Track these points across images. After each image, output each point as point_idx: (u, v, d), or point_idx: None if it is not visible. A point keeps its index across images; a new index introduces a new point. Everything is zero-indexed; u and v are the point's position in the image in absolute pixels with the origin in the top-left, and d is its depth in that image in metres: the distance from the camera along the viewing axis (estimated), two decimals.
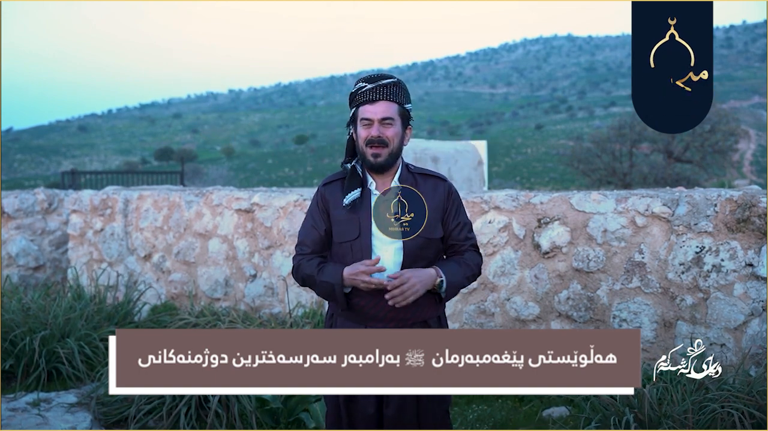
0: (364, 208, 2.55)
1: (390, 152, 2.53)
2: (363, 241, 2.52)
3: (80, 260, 6.80)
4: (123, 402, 4.17)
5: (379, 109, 2.52)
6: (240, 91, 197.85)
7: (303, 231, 2.66)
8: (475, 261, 2.65)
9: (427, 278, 2.48)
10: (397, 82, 2.56)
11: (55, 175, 50.31)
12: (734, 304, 4.12)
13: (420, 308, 2.54)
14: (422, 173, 2.65)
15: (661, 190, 4.81)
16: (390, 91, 2.53)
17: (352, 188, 2.55)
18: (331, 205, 2.60)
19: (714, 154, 25.89)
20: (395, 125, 2.54)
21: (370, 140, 2.52)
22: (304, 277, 2.61)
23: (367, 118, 2.52)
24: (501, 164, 51.50)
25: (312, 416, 4.02)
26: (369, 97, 2.52)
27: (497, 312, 4.84)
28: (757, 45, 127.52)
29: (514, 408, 4.33)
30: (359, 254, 2.52)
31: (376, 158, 2.52)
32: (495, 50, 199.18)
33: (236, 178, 50.00)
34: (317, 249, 2.62)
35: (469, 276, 2.63)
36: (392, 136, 2.53)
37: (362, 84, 2.56)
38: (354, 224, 2.54)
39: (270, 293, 5.76)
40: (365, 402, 2.55)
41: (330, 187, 2.63)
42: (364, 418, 2.56)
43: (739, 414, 3.41)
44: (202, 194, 6.21)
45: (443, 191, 2.63)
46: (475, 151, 7.81)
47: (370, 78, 2.56)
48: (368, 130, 2.52)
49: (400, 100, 2.55)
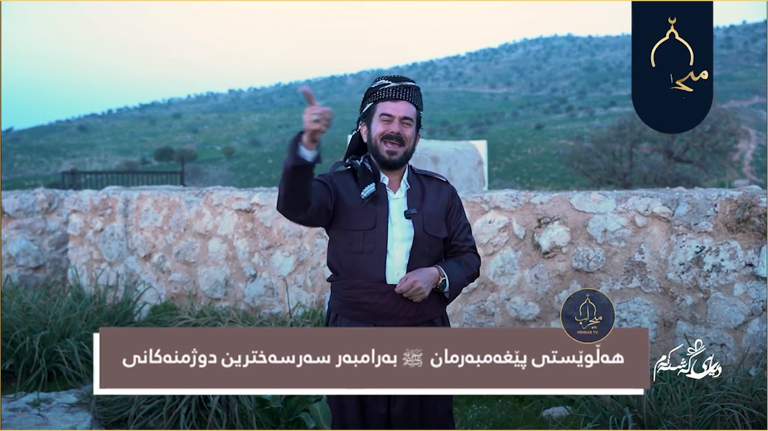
0: (380, 201, 2.56)
1: (405, 151, 2.56)
2: (377, 233, 2.53)
3: (80, 260, 6.80)
4: (123, 402, 4.17)
5: (401, 107, 2.54)
6: (240, 91, 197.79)
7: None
8: (474, 262, 2.70)
9: (431, 278, 2.52)
10: (418, 87, 2.62)
11: (55, 175, 50.32)
12: (734, 304, 4.12)
13: (428, 307, 2.57)
14: (426, 175, 2.70)
15: (661, 190, 4.81)
16: (412, 94, 2.58)
17: (367, 182, 2.56)
18: (341, 189, 2.57)
19: (714, 154, 25.89)
20: (412, 127, 2.58)
21: (389, 135, 2.53)
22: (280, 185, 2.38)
23: (388, 113, 2.53)
24: (501, 164, 51.51)
25: (312, 416, 4.02)
26: (392, 95, 2.55)
27: (497, 312, 4.84)
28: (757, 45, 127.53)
29: (514, 408, 4.34)
30: (371, 244, 2.52)
31: (391, 156, 2.54)
32: (495, 50, 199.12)
33: (236, 178, 50.00)
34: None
35: (469, 276, 2.67)
36: (410, 136, 2.57)
37: (385, 81, 2.58)
38: (371, 214, 2.54)
39: (270, 293, 5.76)
40: (376, 402, 2.55)
41: (340, 175, 2.63)
42: (376, 417, 2.56)
43: (738, 414, 3.41)
44: (202, 194, 6.21)
45: (447, 192, 2.68)
46: (475, 151, 7.80)
47: (394, 78, 2.59)
48: (387, 125, 2.54)
49: (418, 104, 2.61)
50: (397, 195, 2.60)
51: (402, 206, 2.58)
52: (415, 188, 2.63)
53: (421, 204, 2.59)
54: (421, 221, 2.56)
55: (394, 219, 2.56)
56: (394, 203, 2.58)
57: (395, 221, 2.56)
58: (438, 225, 2.60)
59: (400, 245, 2.54)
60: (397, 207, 2.58)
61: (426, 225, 2.56)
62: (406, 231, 2.55)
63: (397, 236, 2.55)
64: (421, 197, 2.61)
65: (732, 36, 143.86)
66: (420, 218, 2.56)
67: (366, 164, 2.61)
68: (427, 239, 2.56)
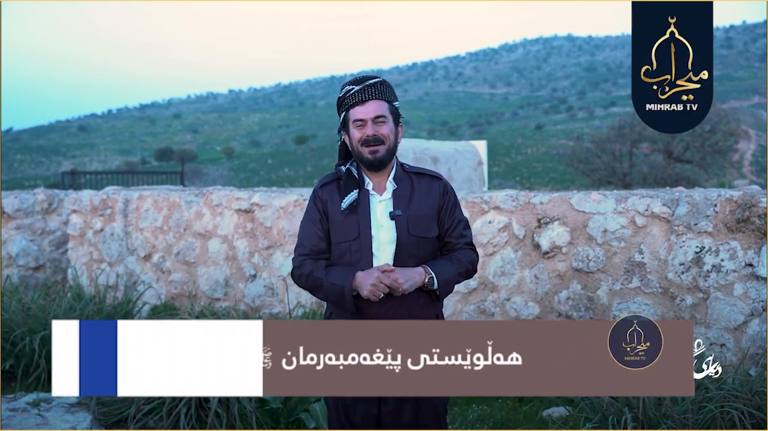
0: (362, 209, 2.55)
1: (387, 148, 2.55)
2: (362, 241, 2.53)
3: (80, 261, 6.80)
4: (123, 402, 4.17)
5: (370, 108, 2.53)
6: (240, 91, 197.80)
7: (302, 233, 2.65)
8: (468, 258, 2.63)
9: (416, 277, 2.49)
10: (383, 81, 2.58)
11: (55, 175, 50.31)
12: (734, 304, 4.12)
13: (416, 308, 2.54)
14: (417, 172, 2.66)
15: (661, 190, 4.81)
16: (378, 90, 2.55)
17: (349, 190, 2.55)
18: (329, 206, 2.60)
19: (714, 154, 25.87)
20: (388, 122, 2.56)
21: (366, 139, 2.52)
22: (307, 278, 2.57)
23: (359, 119, 2.53)
24: (501, 164, 51.48)
25: (312, 416, 4.02)
26: (358, 98, 2.53)
27: (497, 312, 4.84)
28: (757, 45, 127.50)
29: (514, 408, 4.33)
30: (358, 254, 2.53)
31: (374, 155, 2.53)
32: (495, 50, 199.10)
33: (236, 178, 49.99)
34: (316, 251, 2.60)
35: (461, 272, 2.61)
36: (387, 133, 2.54)
37: (349, 87, 2.57)
38: (353, 224, 2.54)
39: (270, 293, 5.76)
40: (367, 403, 2.55)
41: (326, 188, 2.63)
42: (366, 418, 2.56)
43: (738, 414, 3.41)
44: (202, 194, 6.21)
45: (438, 189, 2.62)
46: (475, 151, 7.80)
47: (356, 80, 2.57)
48: (362, 130, 2.53)
49: (388, 98, 2.57)
50: (384, 197, 2.58)
51: (388, 207, 2.56)
52: (404, 188, 2.59)
53: (408, 204, 2.56)
54: (406, 222, 2.53)
55: (381, 222, 2.55)
56: (380, 205, 2.57)
57: (382, 223, 2.55)
58: (426, 225, 2.56)
59: (387, 247, 2.53)
60: (383, 209, 2.56)
61: (411, 227, 2.53)
62: (392, 233, 2.54)
63: (383, 239, 2.53)
64: (409, 196, 2.58)
65: (732, 36, 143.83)
66: (404, 220, 2.53)
67: (352, 168, 2.60)
68: (413, 240, 2.53)
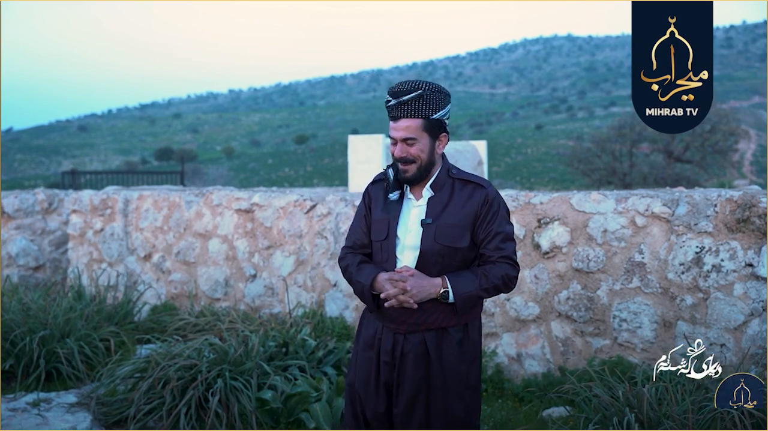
0: (395, 211, 2.57)
1: (418, 167, 2.51)
2: (389, 243, 2.56)
3: (80, 261, 6.80)
4: (123, 402, 4.17)
5: (401, 128, 2.48)
6: (240, 91, 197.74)
7: (351, 225, 2.75)
8: (500, 273, 2.51)
9: (430, 289, 2.46)
10: (420, 96, 2.45)
11: (55, 175, 50.30)
12: (734, 304, 4.12)
13: (429, 315, 2.51)
14: (462, 179, 2.58)
15: (661, 190, 4.81)
16: (411, 108, 2.45)
17: (393, 191, 2.59)
18: (373, 203, 2.66)
19: (714, 154, 25.86)
20: (419, 142, 2.49)
21: (397, 159, 2.54)
22: (344, 271, 2.69)
23: (392, 136, 2.53)
24: (501, 164, 51.46)
25: (312, 416, 4.02)
26: (392, 114, 2.50)
27: (497, 312, 4.84)
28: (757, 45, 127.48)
29: (514, 408, 4.33)
30: (385, 254, 2.57)
31: (405, 174, 2.53)
32: (495, 50, 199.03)
33: (236, 178, 49.97)
34: (359, 244, 2.68)
35: (487, 288, 2.50)
36: (417, 153, 2.49)
37: (388, 98, 2.52)
38: (384, 225, 2.58)
39: (270, 293, 5.76)
40: (376, 400, 2.56)
41: (375, 186, 2.70)
42: (375, 417, 2.57)
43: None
44: (202, 194, 6.21)
45: (479, 198, 2.53)
46: (475, 151, 7.80)
47: (394, 92, 2.48)
48: (394, 147, 2.54)
49: (424, 114, 2.46)
50: (419, 203, 2.57)
51: (421, 214, 2.55)
52: (442, 195, 2.55)
53: (441, 212, 2.52)
54: (433, 231, 2.50)
55: (411, 227, 2.55)
56: (415, 210, 2.56)
57: (411, 229, 2.55)
58: (456, 234, 2.50)
59: (411, 252, 2.53)
60: (417, 215, 2.56)
61: (438, 235, 2.49)
62: (418, 239, 2.53)
63: (408, 244, 2.54)
64: (445, 204, 2.53)
65: (732, 36, 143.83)
66: (432, 228, 2.50)
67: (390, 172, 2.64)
68: (438, 248, 2.49)
